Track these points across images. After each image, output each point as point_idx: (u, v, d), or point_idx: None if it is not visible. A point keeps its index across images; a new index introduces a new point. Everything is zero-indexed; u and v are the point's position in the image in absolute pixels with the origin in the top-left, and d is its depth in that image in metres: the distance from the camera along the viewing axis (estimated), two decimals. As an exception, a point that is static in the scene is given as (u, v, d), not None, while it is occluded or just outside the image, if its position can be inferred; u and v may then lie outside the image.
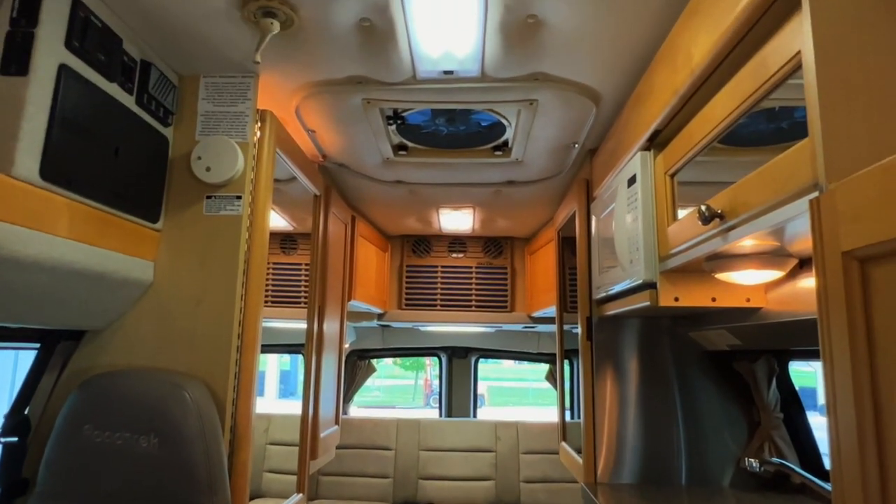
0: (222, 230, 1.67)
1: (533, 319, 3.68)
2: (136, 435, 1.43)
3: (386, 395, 21.01)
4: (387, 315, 3.76)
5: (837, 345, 0.71)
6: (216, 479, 1.45)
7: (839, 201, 0.69)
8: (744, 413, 2.16)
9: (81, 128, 1.29)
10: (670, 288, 1.58)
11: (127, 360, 1.61)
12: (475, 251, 3.81)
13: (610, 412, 2.19)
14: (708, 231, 1.25)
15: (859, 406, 0.67)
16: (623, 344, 2.24)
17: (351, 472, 3.99)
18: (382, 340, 4.49)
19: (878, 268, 0.64)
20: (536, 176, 2.59)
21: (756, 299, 1.59)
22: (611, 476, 2.15)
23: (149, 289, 1.64)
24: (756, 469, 1.64)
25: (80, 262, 1.33)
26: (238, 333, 1.64)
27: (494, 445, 4.04)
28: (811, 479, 1.55)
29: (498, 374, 24.59)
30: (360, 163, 2.48)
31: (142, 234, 1.58)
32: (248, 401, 1.64)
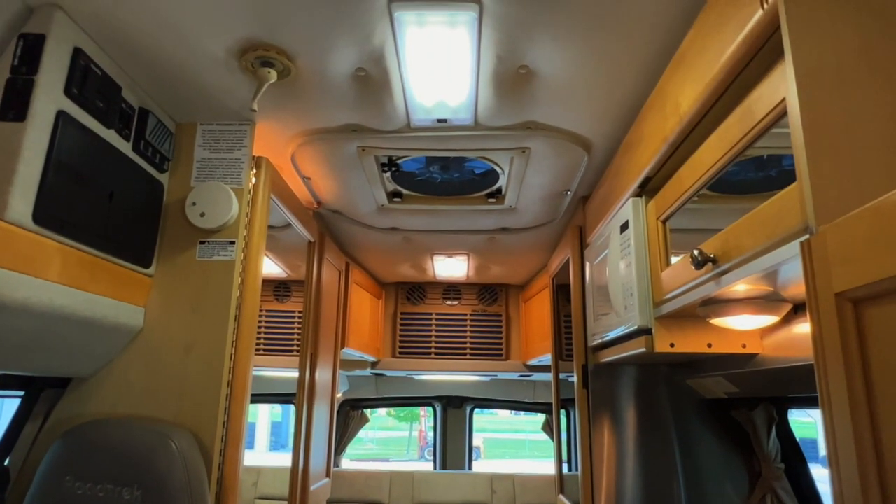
0: (215, 276, 1.66)
1: (528, 368, 3.64)
2: (118, 487, 1.39)
3: (379, 447, 20.54)
4: (380, 363, 3.71)
5: (835, 388, 0.70)
6: (200, 533, 1.39)
7: (830, 243, 0.70)
8: (745, 463, 2.12)
9: (77, 173, 1.30)
10: (665, 334, 1.56)
11: (113, 409, 1.57)
12: (470, 298, 3.79)
13: (608, 463, 2.13)
14: (701, 276, 1.25)
15: (860, 450, 0.66)
16: (620, 392, 2.21)
17: (342, 527, 3.85)
18: (376, 390, 4.42)
19: (871, 308, 0.64)
20: (530, 223, 2.61)
21: (752, 345, 1.57)
22: (610, 530, 2.08)
23: (138, 335, 1.61)
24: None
25: (70, 307, 1.31)
26: (228, 381, 1.61)
27: (490, 499, 3.93)
28: (816, 532, 1.51)
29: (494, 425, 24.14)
30: (354, 209, 2.49)
31: (133, 279, 1.57)
32: (236, 451, 1.60)
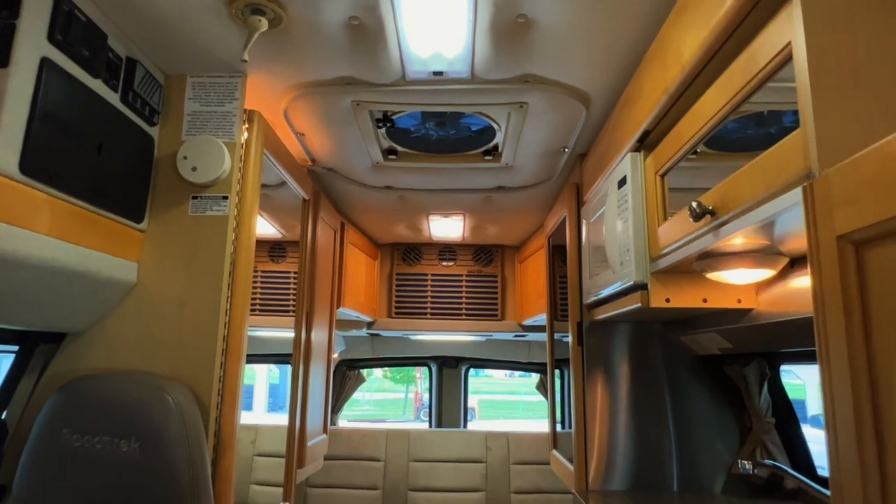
0: (208, 231, 1.64)
1: (523, 328, 3.66)
2: (116, 439, 1.40)
3: (376, 409, 20.84)
4: (376, 324, 3.72)
5: (833, 334, 0.69)
6: (199, 485, 1.41)
7: (833, 185, 0.68)
8: (735, 418, 2.15)
9: (63, 123, 1.27)
10: (661, 289, 1.56)
11: (108, 364, 1.57)
12: (465, 259, 3.79)
13: (601, 419, 2.16)
14: (699, 229, 1.24)
15: (857, 398, 0.66)
16: (614, 349, 2.23)
17: (339, 483, 3.93)
18: (372, 350, 4.45)
19: (873, 250, 0.63)
20: (527, 181, 2.59)
21: (747, 300, 1.58)
22: (602, 483, 2.12)
23: (132, 290, 1.60)
24: (749, 471, 1.62)
25: (61, 261, 1.30)
26: (223, 336, 1.61)
27: (485, 456, 4.00)
28: (805, 482, 1.54)
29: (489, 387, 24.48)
30: (349, 167, 2.46)
31: (125, 234, 1.55)
32: (232, 406, 1.61)
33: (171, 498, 1.38)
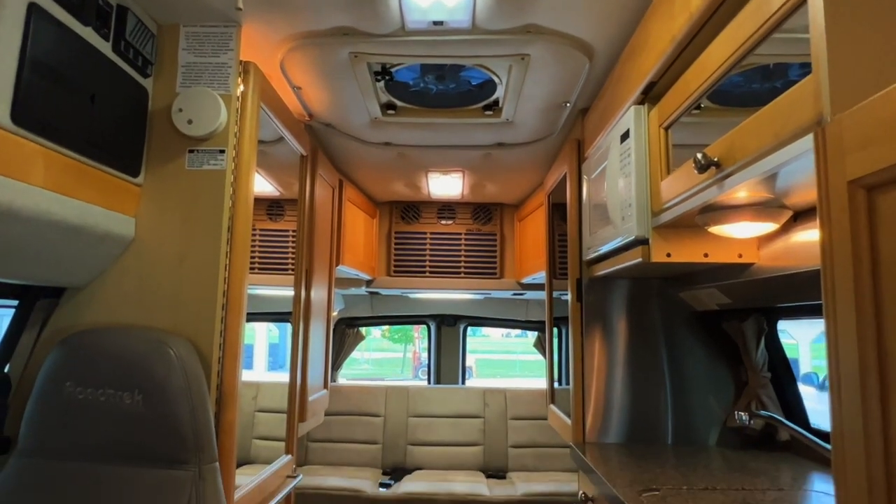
0: (206, 185, 1.62)
1: (522, 286, 3.67)
2: (119, 392, 1.41)
3: (375, 368, 21.11)
4: (375, 282, 3.73)
5: (841, 281, 0.69)
6: (203, 436, 1.43)
7: (845, 129, 0.67)
8: (731, 374, 2.18)
9: (54, 72, 1.24)
10: (662, 244, 1.56)
11: (109, 318, 1.58)
12: (464, 218, 3.78)
13: (598, 373, 2.19)
14: (703, 181, 1.23)
15: (862, 346, 0.65)
16: (612, 306, 2.24)
17: (340, 438, 4.00)
18: (371, 308, 4.47)
19: (885, 195, 0.62)
20: (527, 137, 2.56)
21: (748, 255, 1.58)
22: (598, 436, 2.16)
23: (130, 245, 1.59)
24: (745, 422, 1.65)
25: (58, 214, 1.28)
26: (223, 291, 1.61)
27: (483, 412, 4.07)
28: (800, 431, 1.56)
29: (486, 346, 24.76)
30: (347, 123, 2.42)
31: (122, 188, 1.53)
32: (234, 360, 1.62)
33: (175, 449, 1.40)
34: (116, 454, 1.40)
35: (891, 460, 0.61)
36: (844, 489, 0.66)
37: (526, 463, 3.92)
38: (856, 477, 0.65)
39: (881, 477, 0.62)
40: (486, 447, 3.98)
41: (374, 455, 3.97)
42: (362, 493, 3.42)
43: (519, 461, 3.93)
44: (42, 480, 1.40)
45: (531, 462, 3.92)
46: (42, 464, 1.41)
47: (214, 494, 1.42)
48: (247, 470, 3.73)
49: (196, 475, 1.40)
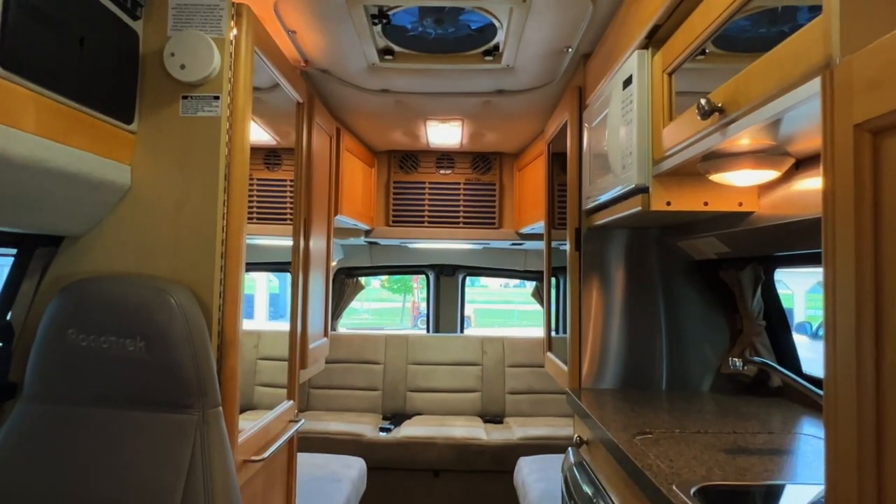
0: (201, 133, 1.59)
1: (520, 236, 3.67)
2: (122, 339, 1.42)
3: (374, 318, 21.34)
4: (374, 232, 3.73)
5: (842, 228, 0.69)
6: (205, 381, 1.45)
7: (855, 71, 0.65)
8: (727, 321, 2.20)
9: (41, 13, 1.20)
10: (662, 192, 1.55)
11: (108, 267, 1.58)
12: (463, 167, 3.74)
13: (595, 321, 2.21)
14: (706, 128, 1.21)
15: (860, 294, 0.65)
16: (610, 255, 2.24)
17: (341, 385, 4.08)
18: (370, 258, 4.49)
19: (891, 139, 0.61)
20: (527, 84, 2.51)
21: (748, 203, 1.57)
22: (594, 382, 2.20)
23: (126, 193, 1.58)
24: (738, 367, 1.67)
25: (52, 161, 1.26)
26: (222, 240, 1.60)
27: (481, 359, 4.14)
28: (791, 377, 1.59)
29: (484, 296, 24.97)
30: (343, 68, 2.37)
31: (115, 136, 1.50)
32: (234, 308, 1.63)
33: (179, 394, 1.42)
34: (121, 399, 1.42)
35: (881, 406, 0.63)
36: (835, 432, 0.68)
37: (523, 408, 4.01)
38: (846, 421, 0.66)
39: (871, 421, 0.63)
40: (483, 393, 4.06)
41: (375, 401, 4.06)
42: (363, 437, 3.51)
43: (516, 407, 4.02)
44: (49, 425, 1.43)
45: (528, 408, 4.01)
46: (48, 409, 1.43)
47: (219, 438, 1.45)
48: (250, 415, 3.81)
49: (200, 419, 1.43)
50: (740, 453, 1.41)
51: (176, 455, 1.40)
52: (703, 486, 1.15)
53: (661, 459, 1.33)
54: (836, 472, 0.67)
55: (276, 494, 2.13)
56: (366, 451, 3.41)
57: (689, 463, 1.32)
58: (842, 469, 0.65)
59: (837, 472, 0.66)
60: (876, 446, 0.62)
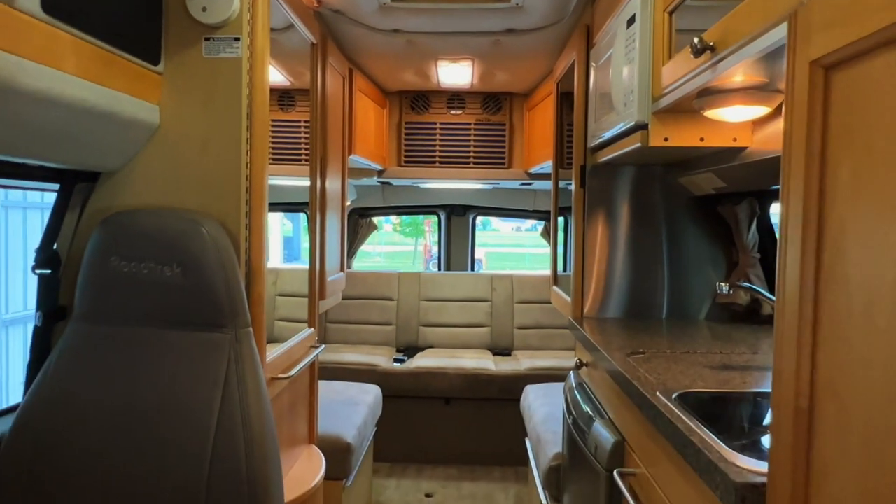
0: (223, 73, 1.68)
1: (530, 176, 3.75)
2: (160, 265, 1.56)
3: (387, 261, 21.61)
4: (386, 172, 3.82)
5: (796, 157, 0.78)
6: (236, 304, 1.59)
7: (815, 11, 0.74)
8: (724, 254, 2.31)
9: (75, -41, 1.28)
10: (660, 128, 1.63)
11: (142, 200, 1.70)
12: (474, 107, 3.79)
13: (600, 254, 2.33)
14: (700, 65, 1.29)
15: (807, 221, 0.75)
16: (616, 191, 2.34)
17: (356, 320, 4.26)
18: (383, 199, 4.59)
19: (838, 73, 0.70)
20: (537, 23, 2.54)
21: (742, 139, 1.65)
22: (597, 312, 2.34)
23: (156, 132, 1.69)
24: (724, 292, 1.78)
25: (90, 101, 1.37)
26: (246, 175, 1.72)
27: (490, 296, 4.29)
28: (771, 298, 1.71)
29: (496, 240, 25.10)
30: (356, 8, 2.41)
31: (144, 76, 1.60)
32: (259, 239, 1.76)
33: (213, 315, 1.57)
34: (161, 319, 1.57)
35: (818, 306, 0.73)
36: (782, 327, 0.80)
37: (530, 342, 4.19)
38: (791, 320, 0.78)
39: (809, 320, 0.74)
40: (493, 328, 4.24)
41: (389, 335, 4.25)
42: (378, 367, 3.71)
43: (524, 341, 4.20)
44: (97, 342, 1.58)
45: (535, 342, 4.18)
46: (96, 328, 1.59)
47: (250, 354, 1.61)
48: (271, 347, 4.02)
49: (233, 338, 1.58)
50: (724, 369, 1.55)
51: (212, 370, 1.56)
52: (683, 392, 1.29)
53: (650, 373, 1.47)
54: (780, 360, 0.79)
55: (300, 410, 2.32)
56: (381, 380, 3.62)
57: (675, 376, 1.45)
58: (785, 357, 0.78)
59: (782, 360, 0.79)
60: (812, 339, 0.74)
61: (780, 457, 0.77)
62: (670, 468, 1.20)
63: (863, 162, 0.66)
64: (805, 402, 0.74)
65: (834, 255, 0.70)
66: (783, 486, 0.76)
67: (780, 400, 0.79)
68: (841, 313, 0.68)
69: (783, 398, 0.78)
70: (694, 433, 1.04)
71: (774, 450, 0.79)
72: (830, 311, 0.70)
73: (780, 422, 0.78)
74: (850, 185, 0.68)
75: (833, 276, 0.70)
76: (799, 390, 0.75)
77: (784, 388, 0.78)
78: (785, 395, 0.77)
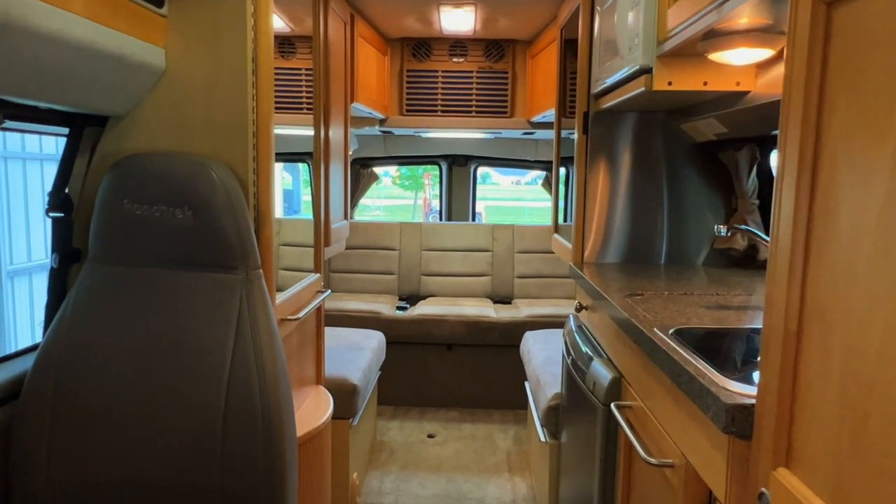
0: (227, 17, 1.67)
1: (532, 125, 3.74)
2: (171, 208, 1.59)
3: (386, 214, 21.60)
4: (388, 121, 3.81)
5: (795, 96, 0.81)
6: (246, 246, 1.63)
7: (819, -52, 0.75)
8: (724, 201, 2.34)
9: None
10: (665, 72, 1.64)
11: (150, 144, 1.72)
12: (476, 55, 3.75)
13: (601, 201, 2.36)
14: (706, 6, 1.29)
15: (802, 163, 0.78)
16: (618, 139, 2.35)
17: (359, 269, 4.32)
18: (384, 148, 4.59)
19: (839, 8, 0.72)
20: (541, -34, 2.50)
21: (746, 83, 1.66)
22: (598, 258, 2.39)
23: (163, 75, 1.69)
24: (722, 234, 1.82)
25: (99, 43, 1.38)
26: (253, 120, 1.73)
27: (491, 246, 4.34)
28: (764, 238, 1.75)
29: (495, 193, 25.04)
30: (358, -50, 2.37)
31: (149, 19, 1.60)
32: (267, 181, 1.78)
33: (224, 256, 1.61)
34: (175, 261, 1.62)
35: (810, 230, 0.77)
36: (774, 262, 0.84)
37: (530, 291, 4.26)
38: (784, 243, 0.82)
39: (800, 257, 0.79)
40: (493, 277, 4.30)
41: (391, 284, 4.32)
42: (381, 314, 3.79)
43: (524, 290, 4.27)
44: (113, 283, 1.63)
45: (535, 290, 4.26)
46: (111, 269, 1.63)
47: (261, 295, 1.66)
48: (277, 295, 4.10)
49: (244, 278, 1.63)
50: (719, 309, 1.60)
51: (225, 308, 1.61)
52: (679, 328, 1.34)
53: (647, 312, 1.52)
54: (773, 287, 0.84)
55: (308, 352, 2.40)
56: (384, 326, 3.70)
57: (671, 315, 1.51)
58: (778, 284, 0.82)
59: (774, 288, 0.83)
60: (802, 267, 0.78)
61: (769, 376, 0.83)
62: (665, 398, 1.26)
63: (858, 94, 0.68)
64: (794, 326, 0.79)
65: (826, 186, 0.74)
66: (770, 403, 0.82)
67: (770, 325, 0.84)
68: (830, 240, 0.73)
69: (774, 323, 0.83)
70: (689, 363, 1.10)
71: (764, 370, 0.85)
72: (821, 240, 0.75)
73: (769, 344, 0.84)
74: (845, 118, 0.71)
75: (825, 207, 0.74)
76: (788, 315, 0.80)
77: (775, 313, 0.83)
78: (776, 321, 0.82)
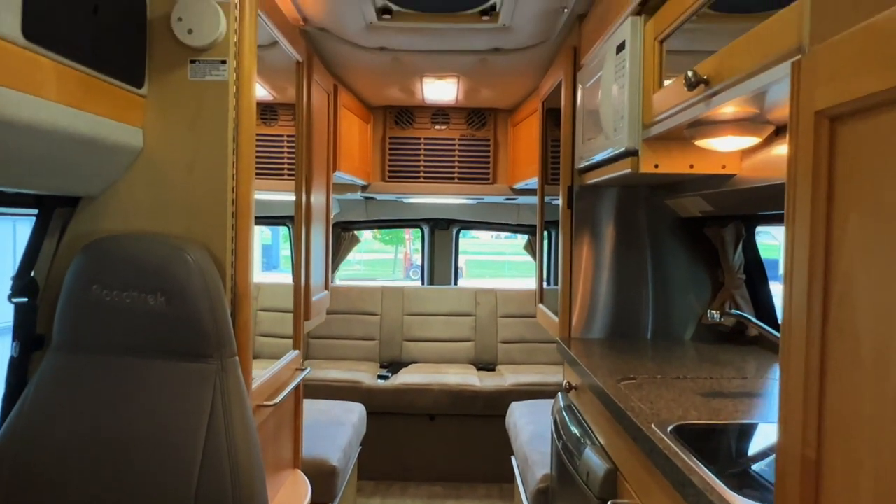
0: (209, 96, 1.65)
1: (514, 191, 3.75)
2: (143, 294, 1.51)
3: (367, 269, 21.50)
4: (370, 187, 3.79)
5: (801, 196, 0.78)
6: (222, 333, 1.55)
7: (819, 62, 0.74)
8: (710, 275, 2.33)
9: (58, -17, 1.24)
10: (651, 155, 1.64)
11: (124, 226, 1.66)
12: (458, 122, 3.79)
13: (585, 274, 2.33)
14: (693, 97, 1.29)
15: (813, 251, 0.75)
16: (601, 212, 2.34)
17: (339, 335, 4.22)
18: (366, 213, 4.56)
19: (844, 126, 0.70)
20: (523, 43, 2.54)
21: (731, 166, 1.66)
22: (583, 332, 2.33)
23: (139, 155, 1.65)
24: (716, 319, 1.80)
25: (72, 127, 1.33)
26: (232, 200, 1.68)
27: (474, 310, 4.28)
28: (764, 328, 1.72)
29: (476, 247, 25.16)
30: (342, 27, 2.40)
31: (128, 99, 1.56)
32: (246, 263, 1.72)
33: (198, 345, 1.53)
34: (145, 349, 1.53)
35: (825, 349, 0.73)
36: (787, 374, 0.79)
37: (514, 357, 4.18)
38: (797, 363, 0.77)
39: (816, 363, 0.74)
40: (477, 342, 4.22)
41: (372, 350, 4.21)
42: (361, 384, 3.67)
43: (508, 355, 4.19)
44: (77, 372, 1.53)
45: (519, 356, 4.18)
46: (76, 358, 1.54)
47: (236, 384, 1.57)
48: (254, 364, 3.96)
49: (219, 367, 1.54)
50: (715, 396, 1.55)
51: (198, 400, 1.52)
52: (678, 424, 1.28)
53: (642, 402, 1.46)
54: (787, 406, 0.78)
55: (285, 435, 2.27)
56: (365, 397, 3.58)
57: (668, 405, 1.45)
58: (791, 404, 0.77)
59: (788, 407, 0.78)
60: (819, 388, 0.73)
61: (787, 507, 0.77)
62: (667, 502, 1.19)
63: (872, 216, 0.65)
64: (812, 453, 0.73)
65: (841, 307, 0.70)
66: (791, 539, 0.76)
67: (786, 449, 0.78)
68: (850, 365, 0.68)
69: (789, 447, 0.77)
70: (693, 472, 1.03)
71: (780, 499, 0.79)
72: (838, 363, 0.70)
73: (785, 471, 0.78)
74: (859, 239, 0.67)
75: (841, 328, 0.70)
76: (806, 440, 0.74)
77: (790, 436, 0.77)
78: (791, 445, 0.77)
